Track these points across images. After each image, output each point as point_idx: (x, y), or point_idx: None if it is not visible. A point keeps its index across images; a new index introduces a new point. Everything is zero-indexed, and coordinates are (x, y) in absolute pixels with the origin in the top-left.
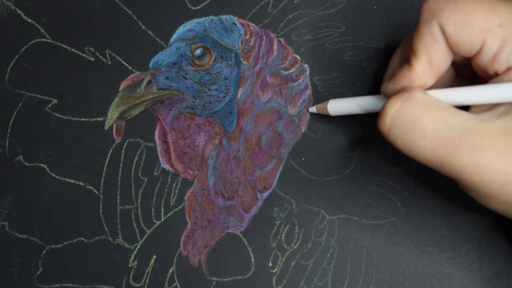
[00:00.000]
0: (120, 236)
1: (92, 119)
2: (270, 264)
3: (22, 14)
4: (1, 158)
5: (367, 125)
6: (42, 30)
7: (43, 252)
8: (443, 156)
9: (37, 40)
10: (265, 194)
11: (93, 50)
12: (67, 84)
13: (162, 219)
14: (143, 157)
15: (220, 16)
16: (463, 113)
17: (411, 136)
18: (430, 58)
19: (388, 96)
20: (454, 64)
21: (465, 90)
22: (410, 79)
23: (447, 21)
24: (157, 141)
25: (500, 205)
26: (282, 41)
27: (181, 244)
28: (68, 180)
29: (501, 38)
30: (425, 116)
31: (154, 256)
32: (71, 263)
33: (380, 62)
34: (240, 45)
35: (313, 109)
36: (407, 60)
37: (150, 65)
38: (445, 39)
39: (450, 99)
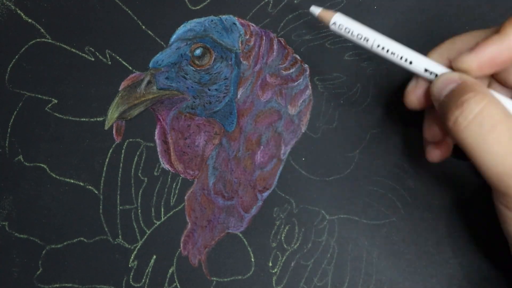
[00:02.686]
0: (120, 236)
1: (92, 119)
2: (270, 264)
3: (22, 14)
4: (1, 158)
5: (367, 125)
6: (42, 30)
7: (43, 252)
8: (511, 168)
9: (37, 40)
10: (265, 194)
11: (93, 50)
12: (67, 84)
13: (162, 219)
14: (143, 157)
15: (220, 16)
16: None
17: (487, 137)
18: None
19: (456, 69)
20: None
21: None
22: (501, 48)
23: None
24: (157, 141)
25: None
26: (282, 41)
27: (181, 244)
28: (68, 180)
29: None
30: (506, 122)
31: (154, 256)
32: (71, 263)
33: (380, 62)
34: (240, 45)
35: (315, 10)
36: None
37: (150, 65)
38: None
39: None
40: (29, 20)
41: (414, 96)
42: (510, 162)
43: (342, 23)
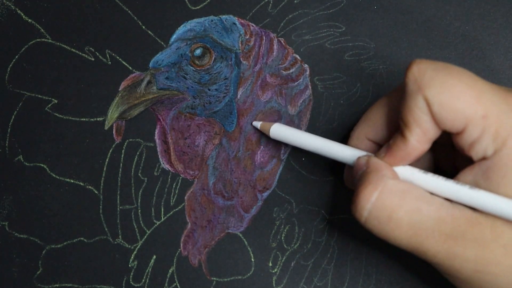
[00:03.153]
0: (120, 236)
1: (92, 119)
2: (270, 264)
3: (22, 14)
4: (1, 158)
5: None
6: (42, 30)
7: (43, 252)
8: (418, 244)
9: (37, 40)
10: (265, 194)
11: (93, 50)
12: (67, 84)
13: (162, 219)
14: (143, 157)
15: (220, 16)
16: (436, 200)
17: (387, 228)
18: (423, 129)
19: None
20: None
21: (440, 181)
22: (406, 151)
23: (433, 99)
24: (157, 141)
25: None
26: (282, 41)
27: (181, 244)
28: (68, 180)
29: (482, 129)
30: (400, 209)
31: (154, 256)
32: (71, 263)
33: (380, 62)
34: (240, 45)
35: (257, 124)
36: (398, 129)
37: (150, 65)
38: (431, 113)
39: (423, 186)
40: (29, 20)
41: (351, 181)
42: (416, 243)
43: (278, 132)
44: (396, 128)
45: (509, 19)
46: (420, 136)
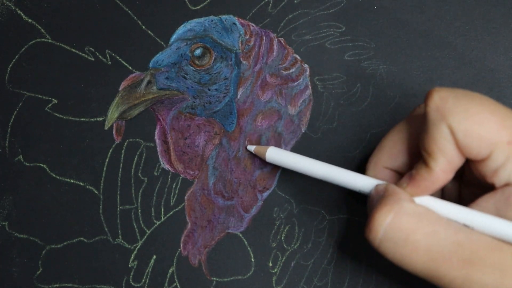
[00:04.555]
0: (120, 236)
1: (92, 119)
2: (270, 264)
3: (22, 14)
4: (1, 158)
5: (367, 125)
6: (42, 30)
7: (43, 252)
8: (434, 269)
9: (37, 40)
10: (265, 194)
11: (93, 50)
12: (67, 84)
13: (162, 219)
14: (143, 157)
15: (220, 16)
16: (453, 224)
17: (403, 251)
18: (447, 158)
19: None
20: None
21: (456, 208)
22: (431, 181)
23: (457, 127)
24: (157, 141)
25: None
26: (282, 41)
27: (181, 244)
28: (68, 180)
29: (507, 155)
30: (417, 231)
31: (154, 256)
32: (71, 263)
33: (380, 62)
34: (240, 45)
35: (251, 148)
36: (418, 157)
37: (150, 65)
38: (455, 141)
39: (445, 214)
40: (29, 20)
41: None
42: (432, 268)
43: (275, 156)
44: (414, 155)
45: (509, 19)
46: (445, 165)
